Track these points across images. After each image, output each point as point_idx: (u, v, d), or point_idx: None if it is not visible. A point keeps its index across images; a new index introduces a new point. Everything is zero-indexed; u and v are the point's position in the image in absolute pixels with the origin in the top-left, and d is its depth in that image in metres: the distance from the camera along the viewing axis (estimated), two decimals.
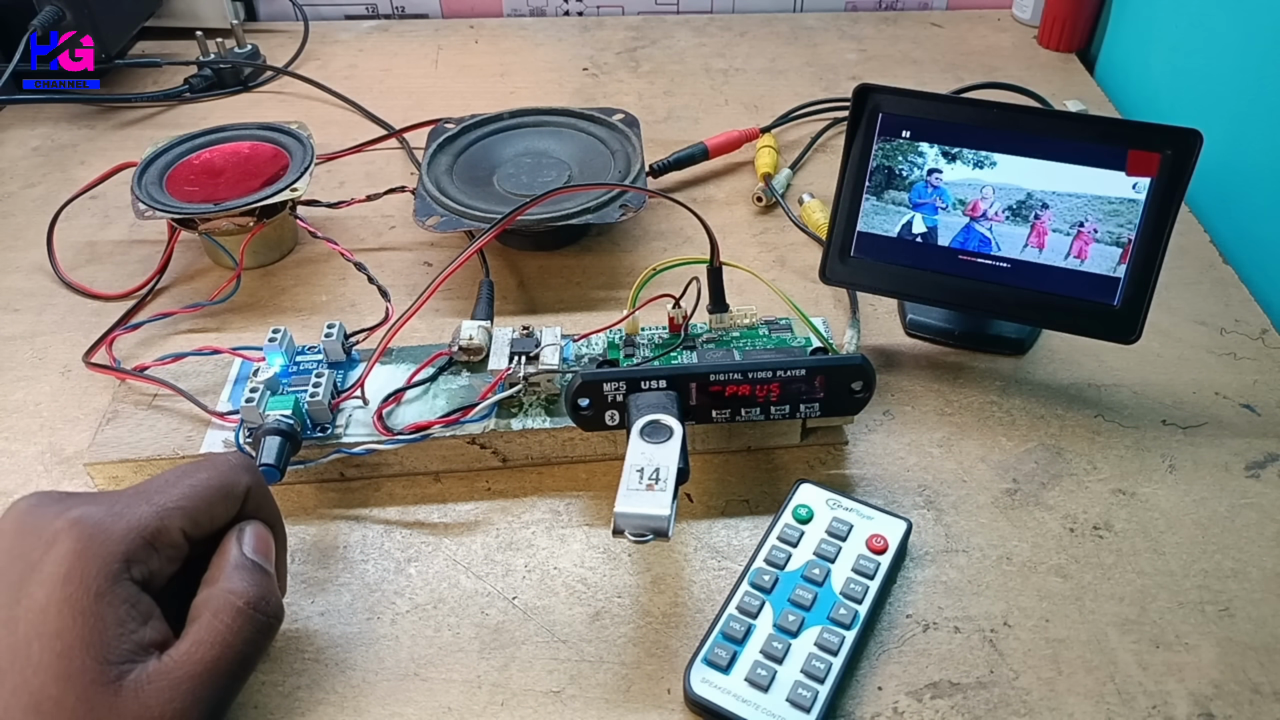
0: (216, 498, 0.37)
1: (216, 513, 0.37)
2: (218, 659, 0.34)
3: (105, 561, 0.33)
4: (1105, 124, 0.49)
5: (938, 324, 0.56)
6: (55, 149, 0.76)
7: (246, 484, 0.38)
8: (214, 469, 0.38)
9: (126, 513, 0.35)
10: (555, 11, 0.97)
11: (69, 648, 0.31)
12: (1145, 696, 0.40)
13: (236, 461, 0.39)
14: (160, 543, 0.35)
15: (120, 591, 0.33)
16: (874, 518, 0.45)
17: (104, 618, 0.32)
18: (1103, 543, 0.46)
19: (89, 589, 0.32)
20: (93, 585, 0.32)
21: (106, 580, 0.33)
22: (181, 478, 0.37)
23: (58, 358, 0.56)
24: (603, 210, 0.59)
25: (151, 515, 0.35)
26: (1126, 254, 0.49)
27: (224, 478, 0.38)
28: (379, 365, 0.50)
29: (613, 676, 0.41)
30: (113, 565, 0.33)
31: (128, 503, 0.35)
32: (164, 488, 0.36)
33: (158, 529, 0.35)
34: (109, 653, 0.32)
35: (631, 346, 0.52)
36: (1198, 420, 0.52)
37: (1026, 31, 0.91)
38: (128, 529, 0.34)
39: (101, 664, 0.32)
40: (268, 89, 0.85)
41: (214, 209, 0.57)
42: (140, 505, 0.35)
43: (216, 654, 0.34)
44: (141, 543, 0.34)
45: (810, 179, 0.72)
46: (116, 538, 0.34)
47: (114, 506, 0.35)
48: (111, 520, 0.34)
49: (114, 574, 0.33)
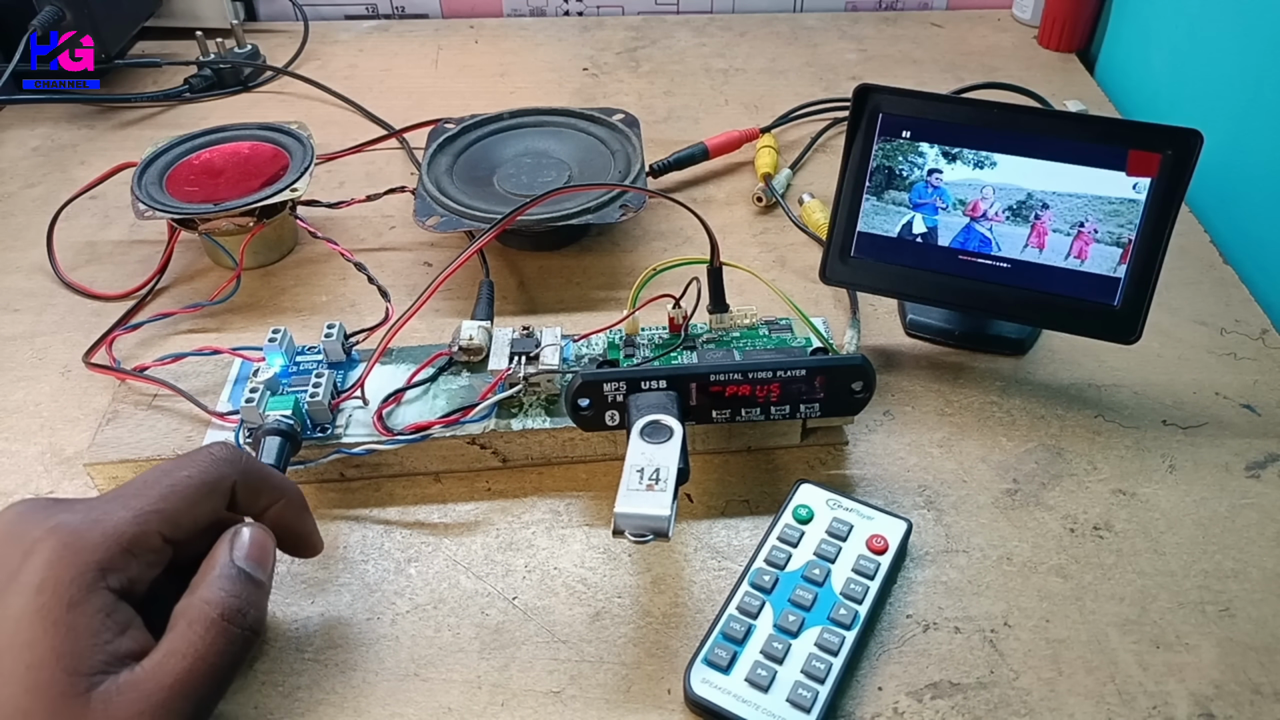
0: (198, 496, 0.36)
1: (200, 512, 0.36)
2: (189, 671, 0.33)
3: (80, 571, 0.32)
4: (1105, 124, 0.49)
5: (938, 324, 0.56)
6: (55, 149, 0.76)
7: (232, 478, 0.37)
8: (195, 466, 0.37)
9: (104, 520, 0.34)
10: (555, 11, 0.97)
11: (40, 659, 0.31)
12: (1145, 697, 0.40)
13: (220, 455, 0.37)
14: (139, 549, 0.34)
15: (95, 601, 0.32)
16: (874, 518, 0.45)
17: (77, 628, 0.31)
18: (1103, 543, 0.46)
19: (62, 599, 0.31)
20: (65, 595, 0.31)
21: (81, 590, 0.32)
22: (161, 478, 0.36)
23: (58, 358, 0.56)
24: (603, 210, 0.59)
25: (129, 521, 0.34)
26: (1127, 254, 0.49)
27: (206, 474, 0.36)
28: (379, 365, 0.50)
29: (613, 677, 0.41)
30: (87, 575, 0.32)
31: (105, 509, 0.34)
32: (142, 490, 0.35)
33: (135, 535, 0.34)
34: (80, 664, 0.31)
35: (631, 346, 0.52)
36: (1198, 420, 0.52)
37: (1026, 31, 0.91)
38: (104, 537, 0.33)
39: (72, 675, 0.31)
40: (268, 89, 0.85)
41: (214, 209, 0.57)
42: (117, 511, 0.34)
43: (188, 665, 0.33)
44: (118, 550, 0.33)
45: (810, 179, 0.72)
46: (91, 546, 0.33)
47: (91, 513, 0.34)
48: (88, 528, 0.33)
49: (88, 584, 0.32)
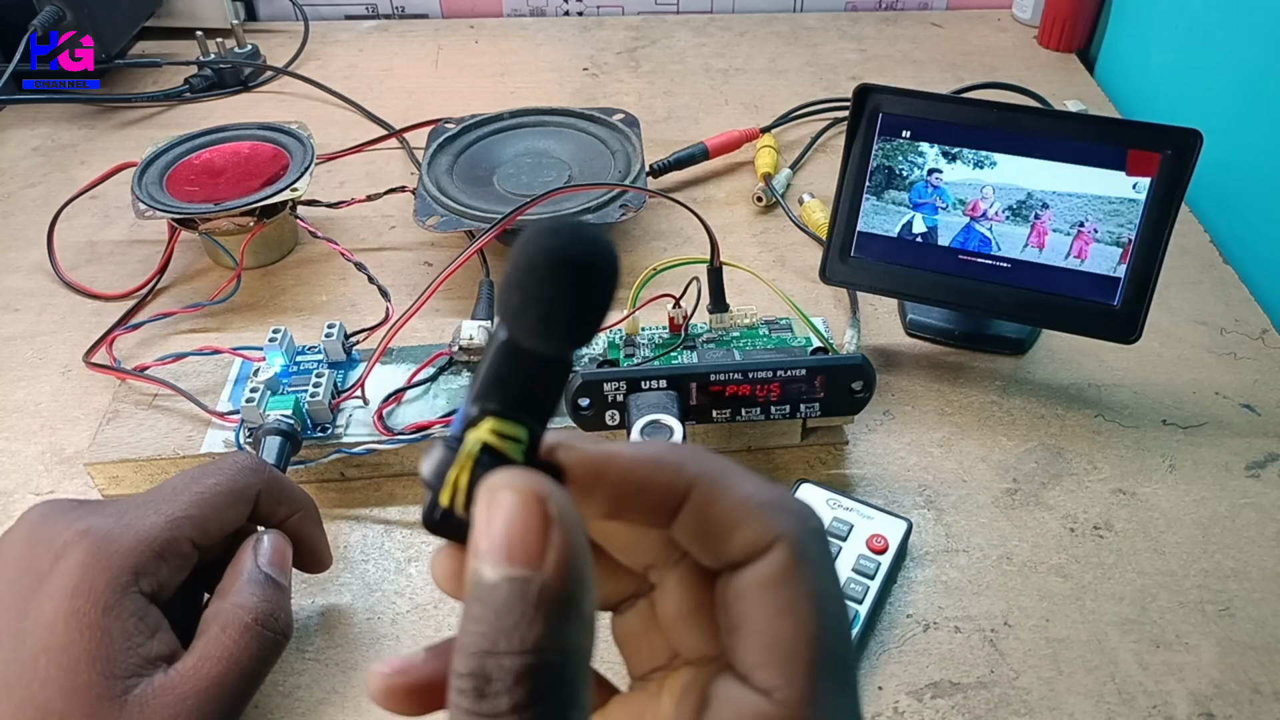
0: (226, 504, 0.37)
1: (227, 519, 0.37)
2: (224, 675, 0.33)
3: (114, 575, 0.33)
4: (1105, 124, 0.49)
5: (938, 324, 0.56)
6: (55, 149, 0.76)
7: (257, 487, 0.38)
8: (223, 474, 0.37)
9: (135, 524, 0.34)
10: (555, 11, 0.97)
11: (76, 662, 0.31)
12: (1145, 696, 0.40)
13: (247, 464, 0.38)
14: (169, 553, 0.34)
15: (128, 605, 0.33)
16: (874, 517, 0.45)
17: (111, 631, 0.32)
18: (1103, 542, 0.46)
19: (97, 602, 0.32)
20: (101, 599, 0.32)
21: (115, 593, 0.32)
22: (190, 485, 0.36)
23: (58, 358, 0.56)
24: (603, 210, 0.59)
25: (160, 526, 0.34)
26: (1127, 254, 0.49)
27: (234, 483, 0.37)
28: (379, 365, 0.50)
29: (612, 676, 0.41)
30: (121, 578, 0.33)
31: (137, 513, 0.35)
32: (172, 496, 0.36)
33: (167, 540, 0.34)
34: (115, 667, 0.32)
35: (631, 346, 0.52)
36: (1198, 420, 0.52)
37: (1026, 31, 0.91)
38: (136, 541, 0.34)
39: (108, 678, 0.31)
40: (268, 89, 0.85)
41: (214, 209, 0.57)
42: (149, 516, 0.35)
43: (223, 670, 0.33)
44: (151, 555, 0.34)
45: (810, 179, 0.72)
46: (125, 550, 0.33)
47: (123, 518, 0.34)
48: (120, 532, 0.34)
49: (122, 587, 0.33)
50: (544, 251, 0.18)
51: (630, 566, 0.24)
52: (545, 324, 0.19)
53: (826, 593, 0.20)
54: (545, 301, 0.19)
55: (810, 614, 0.20)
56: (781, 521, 0.20)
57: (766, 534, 0.20)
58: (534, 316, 0.19)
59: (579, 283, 0.19)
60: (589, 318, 0.19)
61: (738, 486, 0.21)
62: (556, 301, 0.19)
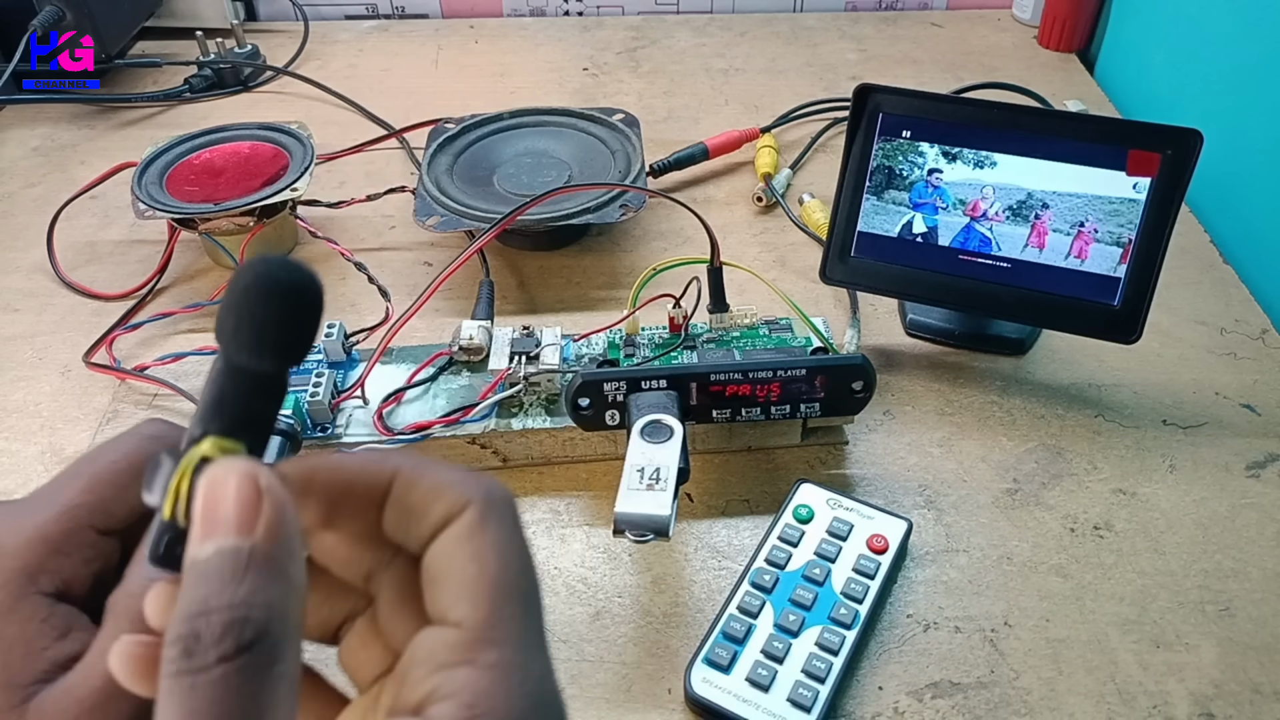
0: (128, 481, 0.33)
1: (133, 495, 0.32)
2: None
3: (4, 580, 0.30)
4: (1105, 124, 0.49)
5: (938, 324, 0.56)
6: (55, 149, 0.76)
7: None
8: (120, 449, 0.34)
9: (27, 522, 0.32)
10: (555, 11, 0.97)
11: None
12: (1145, 696, 0.40)
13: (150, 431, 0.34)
14: (69, 547, 0.32)
15: (25, 609, 0.30)
16: (874, 517, 0.45)
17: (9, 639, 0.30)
18: (1103, 543, 0.46)
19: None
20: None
21: (9, 598, 0.30)
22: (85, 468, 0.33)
23: (58, 358, 0.56)
24: (603, 210, 0.59)
25: (54, 519, 0.32)
26: (1127, 254, 0.49)
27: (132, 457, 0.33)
28: (379, 365, 0.50)
29: (613, 676, 0.41)
30: (13, 583, 0.30)
31: (31, 508, 0.32)
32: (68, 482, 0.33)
33: (63, 533, 0.32)
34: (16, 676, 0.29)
35: (632, 346, 0.52)
36: (1198, 420, 0.52)
37: (1026, 31, 0.91)
38: (27, 541, 0.31)
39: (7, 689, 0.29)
40: (268, 89, 0.85)
41: (214, 209, 0.57)
42: (42, 510, 0.32)
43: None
44: (46, 551, 0.31)
45: (810, 179, 0.72)
46: (14, 552, 0.31)
47: (17, 516, 0.32)
48: (12, 534, 0.31)
49: (17, 591, 0.30)
50: (256, 278, 0.21)
51: (351, 580, 0.26)
52: (259, 340, 0.22)
53: (509, 542, 0.23)
54: (257, 320, 0.22)
55: (494, 557, 0.23)
56: (471, 488, 0.23)
57: (459, 501, 0.23)
58: (248, 334, 0.22)
59: (287, 303, 0.22)
60: (299, 335, 0.22)
61: (434, 472, 0.24)
62: (269, 322, 0.22)
